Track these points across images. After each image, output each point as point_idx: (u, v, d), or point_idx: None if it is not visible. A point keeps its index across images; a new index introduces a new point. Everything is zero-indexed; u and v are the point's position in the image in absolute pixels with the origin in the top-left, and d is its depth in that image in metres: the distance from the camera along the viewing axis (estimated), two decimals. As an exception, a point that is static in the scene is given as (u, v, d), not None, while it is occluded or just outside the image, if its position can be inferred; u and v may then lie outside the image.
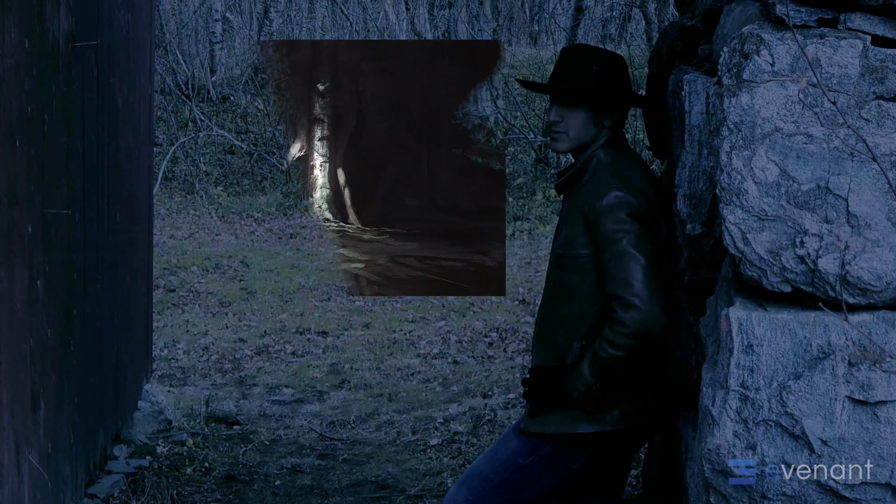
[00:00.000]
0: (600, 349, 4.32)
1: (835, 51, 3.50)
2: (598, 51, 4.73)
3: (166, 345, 10.43)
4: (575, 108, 4.54)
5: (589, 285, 4.44)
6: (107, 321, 6.90)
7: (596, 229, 4.37)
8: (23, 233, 5.26)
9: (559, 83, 4.59)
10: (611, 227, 4.32)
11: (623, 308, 4.24)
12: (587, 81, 4.54)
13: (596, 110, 4.55)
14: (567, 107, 4.55)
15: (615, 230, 4.31)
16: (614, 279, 4.29)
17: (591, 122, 4.55)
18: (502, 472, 4.59)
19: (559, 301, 4.56)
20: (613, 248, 4.30)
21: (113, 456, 7.17)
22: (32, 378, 5.48)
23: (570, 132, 4.55)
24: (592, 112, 4.54)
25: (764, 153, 3.49)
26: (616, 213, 4.33)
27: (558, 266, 4.56)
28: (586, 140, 4.56)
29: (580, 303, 4.47)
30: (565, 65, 4.62)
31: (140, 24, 7.83)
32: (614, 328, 4.27)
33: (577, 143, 4.56)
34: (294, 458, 7.54)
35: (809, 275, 3.47)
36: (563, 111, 4.56)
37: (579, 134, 4.55)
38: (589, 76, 4.55)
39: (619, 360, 4.31)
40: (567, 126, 4.55)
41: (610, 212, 4.33)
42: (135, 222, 7.75)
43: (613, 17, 28.36)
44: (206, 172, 20.38)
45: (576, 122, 4.54)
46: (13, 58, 5.04)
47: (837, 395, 3.44)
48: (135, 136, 7.67)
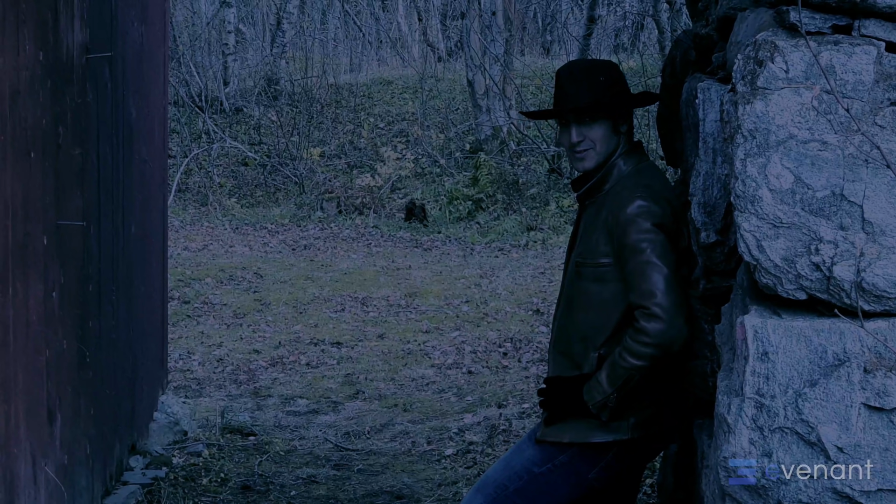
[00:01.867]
0: (620, 359, 4.31)
1: (849, 57, 3.49)
2: (595, 62, 4.75)
3: (181, 356, 10.45)
4: (594, 122, 4.52)
5: (609, 295, 4.43)
6: (122, 333, 6.91)
7: (620, 239, 4.36)
8: (37, 245, 5.28)
9: (573, 103, 4.56)
10: (635, 236, 4.31)
11: (646, 318, 4.23)
12: (601, 93, 4.53)
13: (613, 119, 4.54)
14: (585, 124, 4.53)
15: (640, 240, 4.30)
16: (638, 289, 4.28)
17: (611, 132, 4.54)
18: (517, 481, 4.59)
19: (577, 310, 4.55)
20: (638, 258, 4.30)
21: (129, 467, 7.18)
22: (48, 391, 5.49)
23: (597, 147, 4.53)
24: (611, 122, 4.54)
25: (778, 160, 3.49)
26: (641, 222, 4.32)
27: (577, 275, 4.54)
28: (610, 151, 4.55)
29: (599, 312, 4.46)
30: (570, 84, 4.59)
31: (154, 36, 7.84)
32: (636, 338, 4.26)
33: (604, 157, 4.55)
34: (309, 469, 7.55)
35: (825, 282, 3.46)
36: (583, 129, 4.53)
37: (604, 147, 4.54)
38: (599, 88, 4.53)
39: (639, 370, 4.30)
40: (592, 142, 4.53)
41: (634, 221, 4.32)
42: (149, 234, 7.76)
43: (626, 26, 28.37)
44: (220, 184, 20.43)
45: (599, 136, 4.53)
46: (28, 70, 5.05)
47: (853, 402, 3.43)
48: (149, 147, 7.69)
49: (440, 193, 19.85)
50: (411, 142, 22.19)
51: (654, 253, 4.28)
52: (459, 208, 18.82)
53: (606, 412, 4.41)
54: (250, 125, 23.24)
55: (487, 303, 12.72)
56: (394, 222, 18.62)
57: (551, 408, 4.57)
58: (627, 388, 4.36)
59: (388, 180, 19.93)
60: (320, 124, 23.31)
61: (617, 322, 4.42)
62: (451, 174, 20.70)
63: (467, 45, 22.44)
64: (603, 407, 4.40)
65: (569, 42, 26.11)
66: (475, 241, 16.99)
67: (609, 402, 4.38)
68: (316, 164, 21.17)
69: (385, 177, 19.92)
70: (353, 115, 23.94)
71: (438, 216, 18.81)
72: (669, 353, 4.27)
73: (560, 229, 17.15)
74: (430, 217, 18.70)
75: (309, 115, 23.23)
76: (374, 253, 16.11)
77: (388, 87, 26.05)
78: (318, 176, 20.70)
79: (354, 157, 21.89)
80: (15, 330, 5.01)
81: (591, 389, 4.41)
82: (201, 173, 20.73)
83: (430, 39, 29.70)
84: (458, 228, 18.04)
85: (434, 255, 16.04)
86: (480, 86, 21.75)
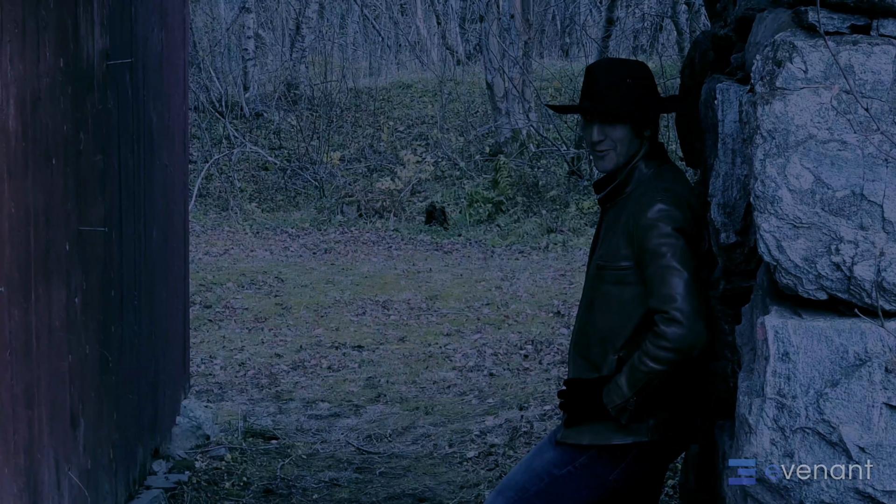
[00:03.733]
0: (640, 363, 4.31)
1: (868, 57, 3.49)
2: (626, 63, 4.71)
3: (203, 360, 10.48)
4: (616, 123, 4.50)
5: (629, 298, 4.42)
6: (144, 338, 6.93)
7: (641, 243, 4.34)
8: (60, 251, 5.30)
9: (598, 103, 4.53)
10: (656, 241, 4.30)
11: (666, 323, 4.23)
12: (627, 97, 4.50)
13: (636, 123, 4.53)
14: (609, 124, 4.51)
15: (660, 244, 4.29)
16: (657, 294, 4.27)
17: (633, 135, 4.52)
18: (538, 483, 4.58)
19: (598, 312, 4.54)
20: (658, 262, 4.29)
21: (152, 471, 7.20)
22: (72, 396, 5.51)
23: (618, 148, 4.51)
24: (634, 126, 4.52)
25: (798, 160, 3.49)
26: (661, 227, 4.30)
27: (598, 278, 4.54)
28: (631, 153, 4.54)
29: (619, 315, 4.45)
30: (599, 82, 4.56)
31: (174, 42, 7.87)
32: (656, 342, 4.26)
33: (624, 159, 4.53)
34: (332, 472, 7.56)
35: (845, 282, 3.46)
36: (606, 129, 4.51)
37: (625, 149, 4.52)
38: (626, 91, 4.51)
39: (659, 374, 4.29)
40: (613, 143, 4.52)
41: (655, 225, 4.31)
42: (170, 239, 7.79)
43: (645, 28, 28.36)
44: (241, 189, 20.47)
45: (620, 137, 4.51)
46: (49, 77, 5.08)
47: (875, 401, 3.42)
48: (169, 153, 7.72)
49: (460, 196, 19.85)
50: (431, 145, 22.19)
51: (675, 258, 4.27)
52: (479, 211, 18.82)
53: (626, 415, 4.40)
54: (270, 130, 23.28)
55: (508, 305, 12.72)
56: (414, 225, 18.63)
57: (571, 410, 4.57)
58: (647, 391, 4.36)
59: (408, 183, 19.94)
60: (340, 128, 23.34)
61: (636, 325, 4.41)
62: (470, 177, 20.70)
63: (486, 47, 22.45)
64: (622, 410, 4.39)
65: (587, 44, 26.09)
66: (495, 244, 16.99)
67: (628, 406, 4.38)
68: (336, 167, 21.19)
69: (405, 180, 19.93)
70: (373, 119, 23.96)
71: (458, 219, 18.81)
72: (689, 358, 4.26)
73: (580, 231, 17.14)
74: (451, 220, 18.70)
75: (329, 120, 23.25)
76: (395, 256, 16.12)
77: (407, 90, 26.06)
78: (338, 180, 20.73)
79: (374, 160, 21.91)
80: (38, 335, 5.03)
81: (611, 392, 4.41)
82: (222, 178, 20.77)
83: (448, 43, 29.70)
84: (478, 231, 18.04)
85: (454, 258, 16.04)
86: (499, 88, 21.74)
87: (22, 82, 4.77)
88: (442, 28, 30.07)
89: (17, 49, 4.71)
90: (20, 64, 4.74)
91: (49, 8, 5.08)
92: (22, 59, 4.76)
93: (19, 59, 4.73)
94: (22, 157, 4.79)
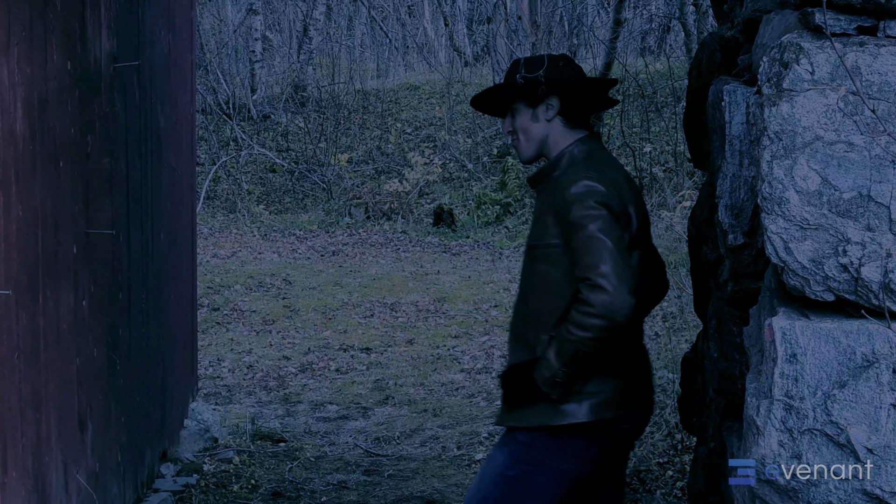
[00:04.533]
0: (566, 332, 4.26)
1: (874, 58, 3.48)
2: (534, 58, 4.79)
3: (211, 363, 10.48)
4: (513, 112, 4.64)
5: (559, 276, 4.38)
6: (152, 340, 6.94)
7: (565, 216, 4.34)
8: (68, 254, 5.31)
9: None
10: (579, 212, 4.30)
11: (590, 289, 4.20)
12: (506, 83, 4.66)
13: (529, 105, 4.61)
14: (510, 116, 4.65)
15: (583, 216, 4.29)
16: (582, 263, 4.25)
17: (531, 118, 4.61)
18: (495, 489, 4.51)
19: (531, 294, 4.51)
20: (581, 233, 4.28)
21: (160, 474, 7.21)
22: (80, 398, 5.52)
23: (524, 135, 4.62)
24: (529, 108, 4.61)
25: (805, 162, 3.48)
26: (585, 200, 4.31)
27: (531, 258, 4.53)
28: (541, 137, 4.61)
29: (551, 295, 4.41)
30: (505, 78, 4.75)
31: (181, 44, 7.88)
32: (580, 309, 4.21)
33: (536, 143, 4.62)
34: (340, 475, 7.56)
35: (853, 283, 3.46)
36: (508, 120, 4.67)
37: (530, 134, 4.62)
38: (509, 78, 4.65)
39: (585, 343, 4.23)
40: (517, 132, 4.64)
41: (579, 199, 4.32)
42: (178, 241, 7.80)
43: (653, 29, 28.34)
44: (248, 191, 20.48)
45: (521, 125, 4.63)
46: (56, 80, 5.09)
47: (882, 403, 3.42)
48: (177, 155, 7.73)
49: (468, 198, 19.85)
50: (439, 147, 22.20)
51: (598, 228, 4.27)
52: (487, 213, 18.82)
53: (557, 390, 4.34)
54: (278, 132, 23.29)
55: (516, 307, 12.69)
56: (422, 227, 18.64)
57: (508, 394, 4.53)
58: (577, 364, 4.30)
59: (415, 185, 19.95)
60: (348, 130, 23.35)
61: (568, 304, 4.36)
62: (478, 179, 20.70)
63: (494, 49, 22.46)
64: (553, 384, 4.34)
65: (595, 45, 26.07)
66: (504, 246, 16.99)
67: (557, 378, 4.32)
68: (344, 169, 21.21)
69: (413, 182, 19.94)
70: (381, 121, 23.97)
71: (467, 221, 18.81)
72: (615, 325, 4.21)
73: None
74: (459, 222, 18.70)
75: (336, 122, 23.27)
76: (403, 258, 16.12)
77: (415, 92, 26.07)
78: (345, 182, 20.74)
79: (382, 162, 21.91)
80: (46, 338, 5.04)
81: (541, 367, 4.36)
82: (230, 180, 20.78)
83: (456, 44, 29.71)
84: (486, 233, 18.04)
85: (463, 259, 16.04)
86: (507, 90, 21.70)
87: (29, 85, 4.77)
88: (449, 29, 30.07)
89: (25, 52, 4.71)
90: (27, 67, 4.75)
91: (56, 11, 5.08)
92: (29, 61, 4.77)
93: (26, 62, 4.74)
94: (29, 160, 4.79)
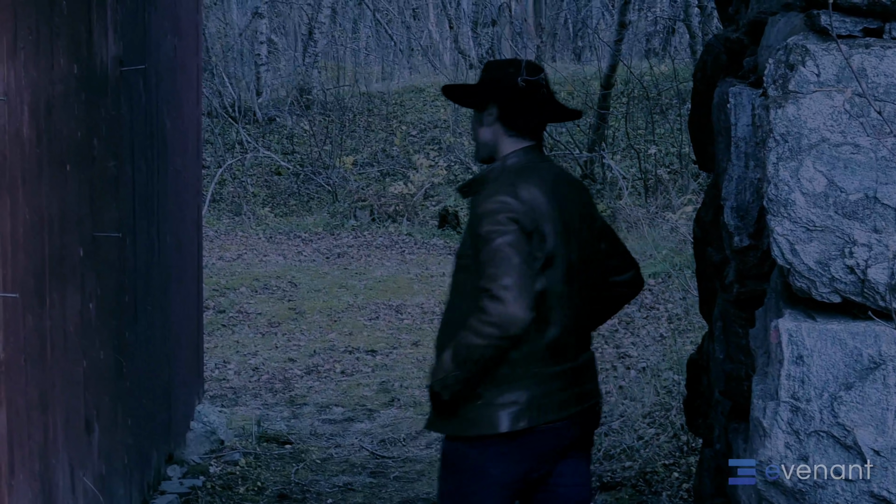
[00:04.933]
0: (462, 337, 4.30)
1: (881, 60, 3.48)
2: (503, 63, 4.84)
3: (217, 365, 10.49)
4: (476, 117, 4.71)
5: (472, 286, 4.40)
6: (158, 343, 6.94)
7: (476, 230, 4.38)
8: (74, 257, 5.31)
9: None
10: (487, 227, 4.34)
11: (489, 299, 4.23)
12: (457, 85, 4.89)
13: (478, 109, 4.69)
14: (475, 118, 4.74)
15: (491, 230, 4.33)
16: (486, 274, 4.28)
17: (479, 122, 4.69)
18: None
19: (452, 303, 4.57)
20: (488, 246, 4.31)
21: (167, 476, 7.22)
22: (86, 401, 5.53)
23: (477, 139, 4.71)
24: (478, 112, 4.70)
25: (811, 164, 3.48)
26: (495, 216, 4.35)
27: (455, 268, 4.59)
28: (486, 141, 4.68)
29: (467, 304, 4.42)
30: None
31: (187, 48, 7.89)
32: (477, 317, 4.25)
33: (484, 147, 4.70)
34: (346, 476, 7.57)
35: (859, 285, 3.45)
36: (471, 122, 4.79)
37: (478, 138, 4.70)
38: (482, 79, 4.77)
39: (479, 349, 4.27)
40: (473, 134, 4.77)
41: (490, 214, 4.36)
42: (184, 244, 7.81)
43: (657, 31, 28.34)
44: (254, 193, 20.50)
45: (472, 127, 4.76)
46: (62, 83, 5.09)
47: (889, 404, 3.42)
48: (183, 158, 7.73)
49: (473, 200, 19.83)
50: (444, 149, 22.20)
51: (506, 242, 4.30)
52: (492, 215, 18.80)
53: (448, 391, 4.38)
54: (283, 135, 23.32)
55: (521, 309, 12.68)
56: (427, 229, 18.64)
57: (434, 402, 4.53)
58: (469, 368, 4.33)
59: (420, 187, 19.96)
60: (353, 133, 23.36)
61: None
62: (483, 181, 20.67)
63: (498, 51, 22.45)
64: (444, 385, 4.38)
65: (600, 48, 26.07)
66: (508, 248, 16.96)
67: (448, 380, 4.36)
68: (349, 172, 21.22)
69: (418, 184, 19.95)
70: (386, 124, 23.97)
71: (471, 223, 18.78)
72: (509, 336, 4.25)
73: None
74: (463, 224, 18.69)
75: (341, 124, 23.28)
76: (408, 260, 16.13)
77: (419, 94, 26.08)
78: (351, 184, 20.75)
79: (387, 164, 21.92)
80: (52, 341, 5.05)
81: (436, 368, 4.42)
82: (235, 183, 20.80)
83: (461, 47, 29.70)
84: (491, 235, 18.01)
85: (467, 261, 16.01)
86: (512, 92, 21.70)
87: (36, 89, 4.78)
88: (454, 32, 30.07)
89: (31, 55, 4.72)
90: (34, 70, 4.75)
91: (62, 14, 5.09)
92: (35, 65, 4.77)
93: (33, 66, 4.74)
94: (36, 164, 4.80)
